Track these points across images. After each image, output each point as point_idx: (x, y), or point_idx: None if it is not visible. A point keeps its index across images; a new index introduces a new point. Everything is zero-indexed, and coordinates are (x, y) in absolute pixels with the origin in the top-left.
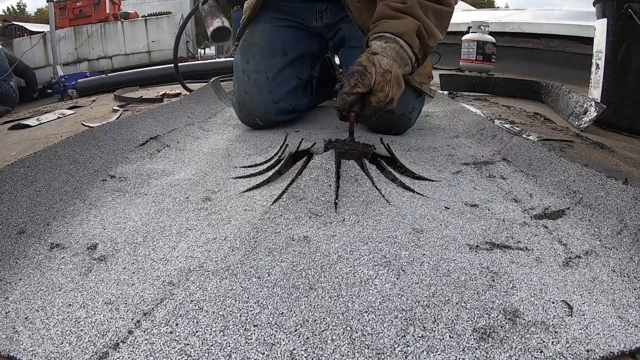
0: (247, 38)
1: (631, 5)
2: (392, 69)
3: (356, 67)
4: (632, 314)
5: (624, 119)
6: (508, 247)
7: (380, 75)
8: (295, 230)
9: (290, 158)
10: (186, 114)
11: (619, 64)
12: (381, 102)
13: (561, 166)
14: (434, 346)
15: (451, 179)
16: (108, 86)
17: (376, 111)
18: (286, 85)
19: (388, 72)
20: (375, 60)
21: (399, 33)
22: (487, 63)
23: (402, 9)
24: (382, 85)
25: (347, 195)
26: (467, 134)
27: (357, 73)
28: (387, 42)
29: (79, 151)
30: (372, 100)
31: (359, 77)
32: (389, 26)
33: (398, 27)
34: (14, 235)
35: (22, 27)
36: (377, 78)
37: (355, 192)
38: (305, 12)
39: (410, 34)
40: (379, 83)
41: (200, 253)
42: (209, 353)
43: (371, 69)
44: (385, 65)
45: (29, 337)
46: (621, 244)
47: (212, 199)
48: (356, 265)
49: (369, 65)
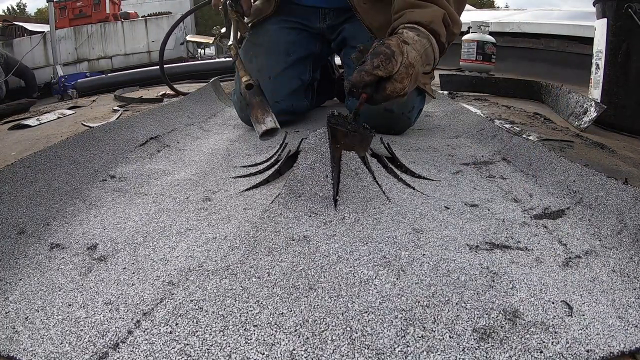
0: (250, 38)
1: (631, 5)
2: (416, 65)
3: (384, 48)
4: (632, 314)
5: (624, 119)
6: (508, 247)
7: (404, 67)
8: (295, 229)
9: (289, 157)
10: (186, 114)
11: (619, 64)
12: (396, 92)
13: (561, 166)
14: (434, 346)
15: (451, 179)
16: (108, 86)
17: (388, 99)
18: (288, 86)
19: (412, 67)
20: (404, 50)
21: (428, 22)
22: (487, 63)
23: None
24: (402, 77)
25: (347, 191)
26: (467, 134)
27: (384, 55)
28: (419, 35)
29: (79, 151)
30: (387, 87)
31: (384, 60)
32: (417, 15)
33: (425, 16)
34: (14, 235)
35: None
36: (401, 69)
37: (355, 186)
38: (310, 14)
39: (438, 23)
40: (401, 74)
41: (200, 253)
42: (209, 353)
43: (398, 57)
44: (412, 58)
45: (29, 337)
46: (621, 244)
47: (212, 199)
48: (356, 265)
49: (397, 52)
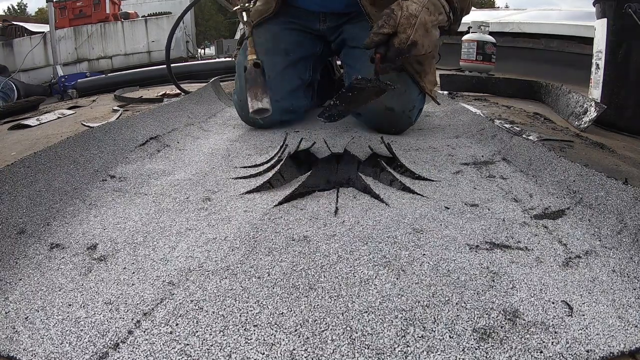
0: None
1: (631, 5)
2: (419, 15)
3: (385, 10)
4: (632, 314)
5: (624, 119)
6: (508, 247)
7: (404, 18)
8: (295, 230)
9: (290, 158)
10: (186, 114)
11: (619, 64)
12: (403, 44)
13: (561, 166)
14: (434, 346)
15: (451, 179)
16: (108, 86)
17: (399, 53)
18: (287, 85)
19: (414, 17)
20: (403, 5)
21: None
22: (487, 63)
23: None
24: (404, 27)
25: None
26: (467, 134)
27: (385, 15)
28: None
29: (79, 151)
30: (395, 41)
31: (386, 18)
32: None
33: None
34: (14, 235)
35: (22, 27)
36: (402, 20)
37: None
38: (310, 16)
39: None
40: (402, 25)
41: (200, 253)
42: (209, 353)
43: (397, 11)
44: (413, 10)
45: (29, 337)
46: (621, 244)
47: (212, 199)
48: (356, 265)
49: (396, 8)
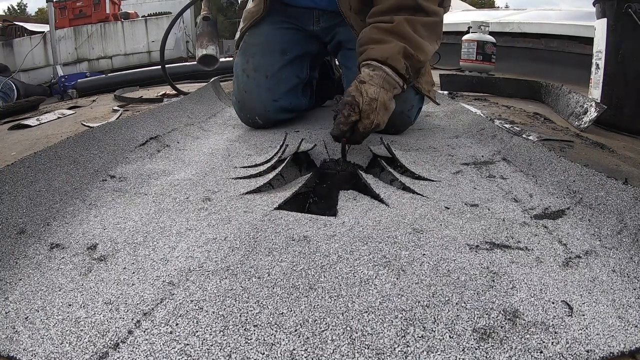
0: (247, 40)
1: (631, 5)
2: (378, 97)
3: (347, 97)
4: (632, 314)
5: (624, 119)
6: (508, 247)
7: (367, 104)
8: (295, 230)
9: (291, 160)
10: (186, 114)
11: (619, 64)
12: (367, 128)
13: (561, 166)
14: (434, 346)
15: (451, 179)
16: (108, 86)
17: (364, 136)
18: (285, 84)
19: (374, 100)
20: (362, 90)
21: (384, 59)
22: (487, 63)
23: (389, 29)
24: (368, 113)
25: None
26: (467, 134)
27: (348, 104)
28: (374, 70)
29: (79, 151)
30: (359, 127)
31: (350, 108)
32: (375, 52)
33: (383, 53)
34: (14, 235)
35: (22, 27)
36: (364, 107)
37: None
38: (303, 16)
39: (395, 58)
40: (366, 111)
41: (200, 253)
42: (209, 353)
43: (359, 98)
44: (372, 93)
45: (29, 337)
46: (621, 244)
47: (212, 199)
48: (356, 265)
49: (357, 95)
